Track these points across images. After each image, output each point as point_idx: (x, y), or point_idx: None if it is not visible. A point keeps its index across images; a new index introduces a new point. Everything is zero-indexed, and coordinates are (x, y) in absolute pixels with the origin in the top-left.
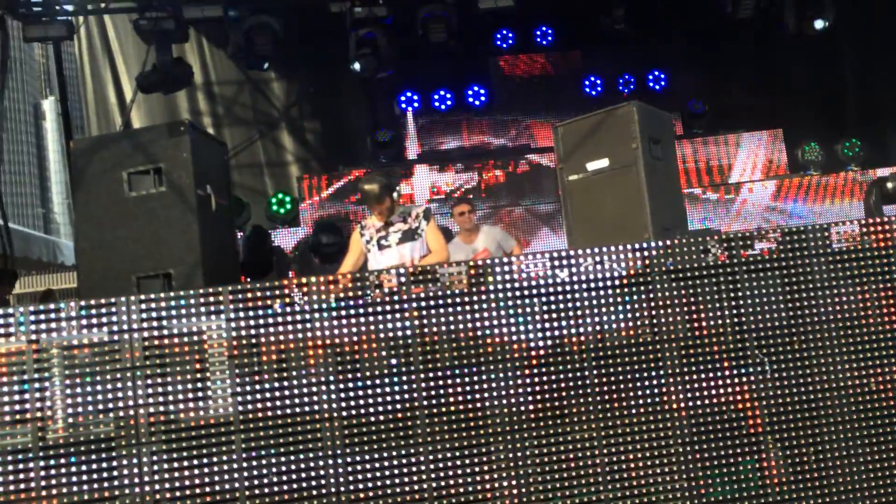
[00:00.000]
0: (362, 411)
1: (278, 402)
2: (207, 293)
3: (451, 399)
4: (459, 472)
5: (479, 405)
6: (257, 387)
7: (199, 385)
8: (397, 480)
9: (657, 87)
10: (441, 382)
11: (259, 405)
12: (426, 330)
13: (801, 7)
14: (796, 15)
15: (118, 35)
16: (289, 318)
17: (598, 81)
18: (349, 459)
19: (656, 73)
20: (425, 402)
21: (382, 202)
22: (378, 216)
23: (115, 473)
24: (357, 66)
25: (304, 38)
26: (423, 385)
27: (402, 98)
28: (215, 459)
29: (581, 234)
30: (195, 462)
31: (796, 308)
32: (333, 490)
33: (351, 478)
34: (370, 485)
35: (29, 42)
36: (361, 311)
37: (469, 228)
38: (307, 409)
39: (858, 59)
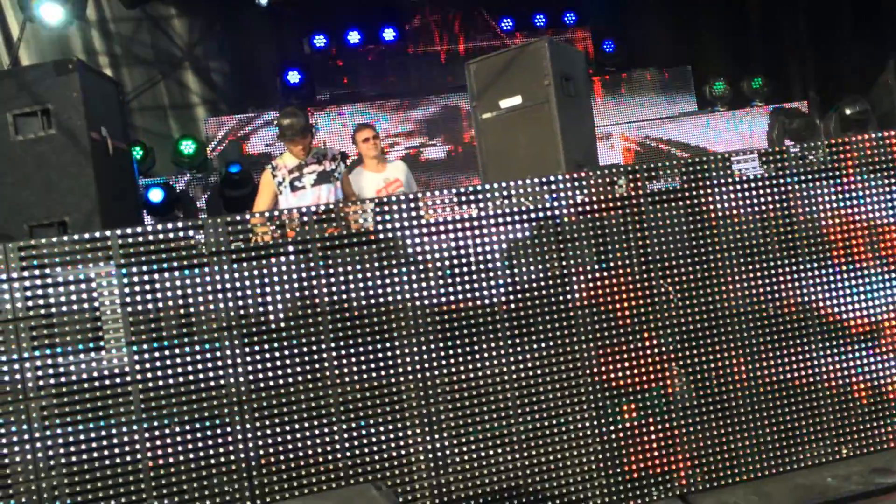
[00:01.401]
0: (267, 356)
1: (177, 351)
2: (95, 238)
3: (360, 340)
4: (370, 412)
5: (387, 344)
6: (154, 335)
7: (91, 336)
8: (306, 425)
9: (569, 24)
10: (349, 324)
11: (157, 354)
12: (332, 271)
13: None
14: None
15: None
16: (185, 263)
17: (510, 19)
18: (255, 406)
19: (569, 12)
20: (333, 345)
21: (305, 136)
22: (300, 152)
23: (2, 431)
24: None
25: None
26: (331, 327)
27: (313, 35)
28: (112, 412)
29: (495, 171)
30: (90, 416)
31: (700, 238)
32: (240, 437)
33: (258, 424)
34: (278, 430)
35: None
36: (263, 252)
37: (376, 156)
38: (209, 356)
39: None
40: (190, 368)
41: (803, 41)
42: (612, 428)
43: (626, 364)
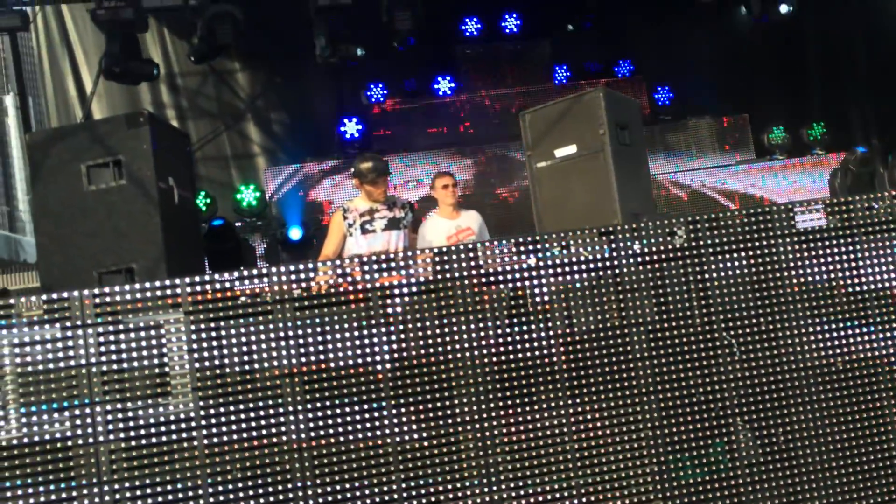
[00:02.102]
0: (327, 403)
1: (240, 398)
2: (164, 286)
3: (419, 389)
4: (428, 461)
5: (446, 394)
6: (219, 381)
7: (159, 381)
8: (364, 473)
9: (624, 73)
10: (408, 372)
11: (221, 400)
12: (391, 319)
13: None
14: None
15: (76, 26)
16: (249, 311)
17: (565, 69)
18: (314, 453)
19: (622, 61)
20: (392, 393)
21: (385, 181)
22: (380, 194)
23: (73, 474)
24: (321, 55)
25: (268, 26)
26: (391, 376)
27: (369, 87)
28: (177, 457)
29: (550, 221)
30: (155, 461)
31: (763, 289)
32: (299, 485)
33: (317, 471)
34: (336, 478)
35: None
36: (325, 301)
37: (452, 203)
38: (270, 404)
39: (822, 43)
40: (252, 415)
41: (863, 87)
42: (674, 483)
43: (689, 418)
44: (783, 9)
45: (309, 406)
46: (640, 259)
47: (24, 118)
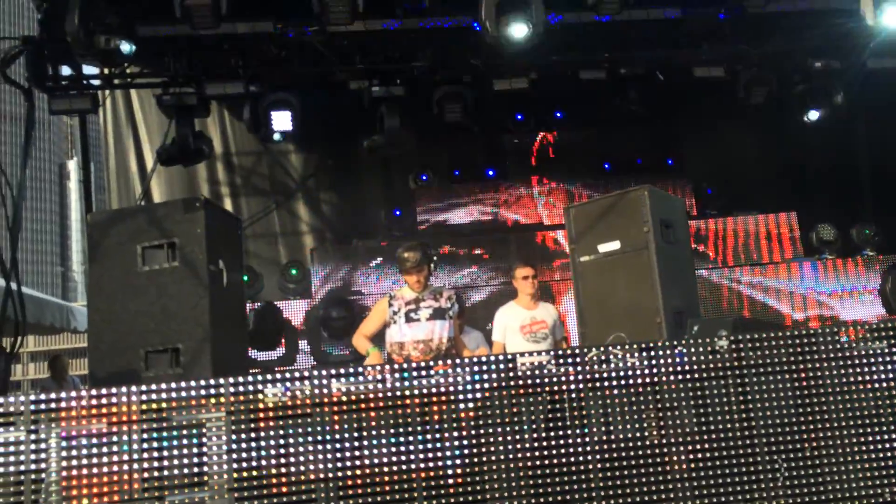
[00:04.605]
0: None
1: (275, 501)
2: (208, 385)
3: (453, 500)
4: None
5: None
6: (255, 483)
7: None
8: None
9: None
10: (442, 483)
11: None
12: (427, 422)
13: (806, 95)
14: (800, 103)
15: (142, 105)
16: (289, 413)
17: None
18: None
19: (669, 160)
20: (425, 502)
21: (421, 271)
22: (416, 284)
23: None
24: (373, 142)
25: (323, 113)
26: (424, 485)
27: (420, 176)
28: None
29: (592, 316)
30: None
31: (807, 411)
32: None
33: None
34: None
35: (54, 115)
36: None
37: (531, 294)
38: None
39: (873, 142)
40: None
41: None
42: None
43: None
44: (812, 115)
45: None
46: (680, 375)
47: (86, 192)
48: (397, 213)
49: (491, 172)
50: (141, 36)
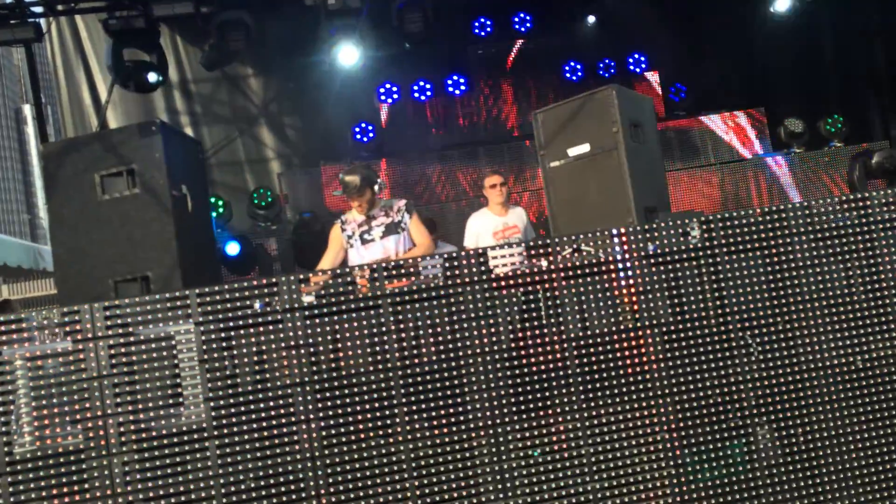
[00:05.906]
0: (339, 411)
1: (252, 407)
2: (174, 297)
3: (431, 395)
4: (442, 468)
5: (459, 399)
6: (230, 392)
7: (171, 392)
8: (378, 481)
9: (638, 69)
10: (420, 379)
11: (233, 410)
12: (402, 326)
13: None
14: None
15: (90, 35)
16: (260, 320)
17: (579, 66)
18: (328, 461)
19: (636, 55)
20: (404, 399)
21: (363, 194)
22: (358, 209)
23: (87, 486)
24: (332, 58)
25: (279, 32)
26: (402, 382)
27: (381, 90)
28: (189, 468)
29: (564, 219)
30: (168, 472)
31: (779, 288)
32: (313, 493)
33: (331, 479)
34: (350, 486)
35: None
36: (335, 309)
37: (501, 202)
38: (282, 412)
39: (837, 34)
40: (265, 424)
41: (882, 77)
42: (692, 486)
43: (706, 419)
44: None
45: (320, 412)
46: (653, 260)
47: (41, 127)
48: (361, 133)
49: (458, 85)
50: None
